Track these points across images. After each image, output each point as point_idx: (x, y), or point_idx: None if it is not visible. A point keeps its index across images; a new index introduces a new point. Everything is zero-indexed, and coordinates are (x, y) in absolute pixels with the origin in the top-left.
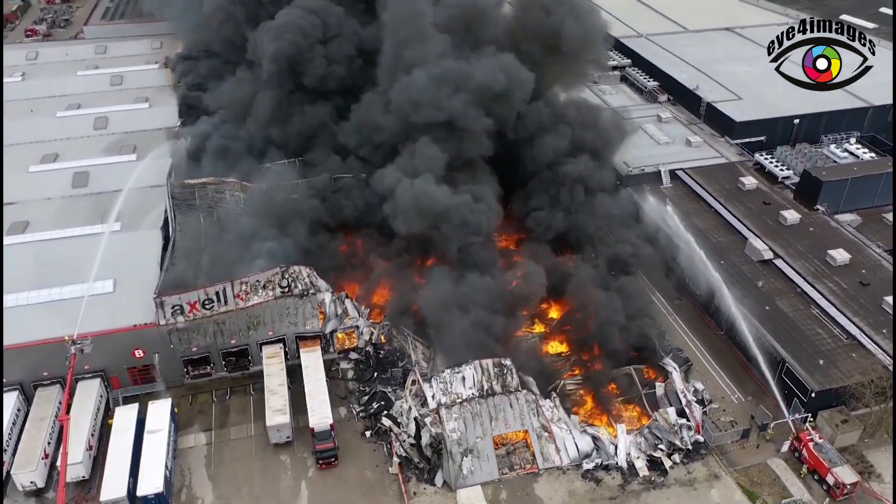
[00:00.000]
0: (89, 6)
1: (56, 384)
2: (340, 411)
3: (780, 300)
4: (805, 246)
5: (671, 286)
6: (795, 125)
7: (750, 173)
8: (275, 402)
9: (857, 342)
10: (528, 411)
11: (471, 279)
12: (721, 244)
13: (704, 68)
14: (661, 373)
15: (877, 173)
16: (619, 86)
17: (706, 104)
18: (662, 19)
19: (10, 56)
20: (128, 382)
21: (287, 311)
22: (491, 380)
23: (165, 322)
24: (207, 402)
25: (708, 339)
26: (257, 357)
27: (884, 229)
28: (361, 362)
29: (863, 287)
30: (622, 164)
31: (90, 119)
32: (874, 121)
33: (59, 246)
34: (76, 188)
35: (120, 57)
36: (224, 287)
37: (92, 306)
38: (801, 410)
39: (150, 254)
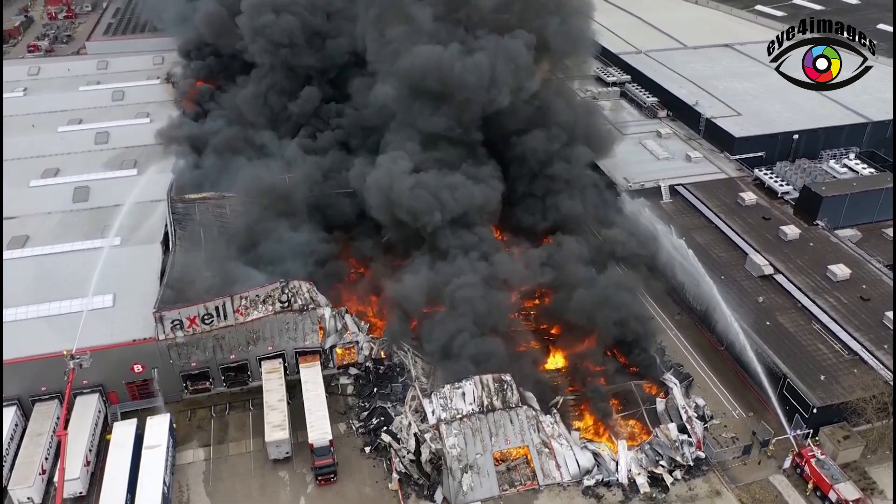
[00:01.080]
0: (91, 22)
1: (54, 399)
2: (340, 427)
3: (780, 315)
4: (805, 261)
5: (671, 301)
6: (795, 141)
7: (750, 189)
8: (274, 417)
9: (858, 358)
10: (528, 427)
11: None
12: (721, 259)
13: (704, 84)
14: (661, 388)
15: (876, 189)
16: (618, 101)
17: (705, 120)
18: (662, 36)
19: (13, 71)
20: (126, 397)
21: (287, 327)
22: (491, 395)
23: (165, 337)
24: (206, 418)
25: (708, 354)
26: (256, 372)
27: (884, 244)
28: (361, 378)
29: (863, 302)
30: (622, 179)
31: (91, 134)
32: (873, 136)
33: (58, 260)
34: (77, 203)
35: (121, 72)
36: (224, 302)
37: (91, 321)
38: (803, 426)
39: (150, 268)
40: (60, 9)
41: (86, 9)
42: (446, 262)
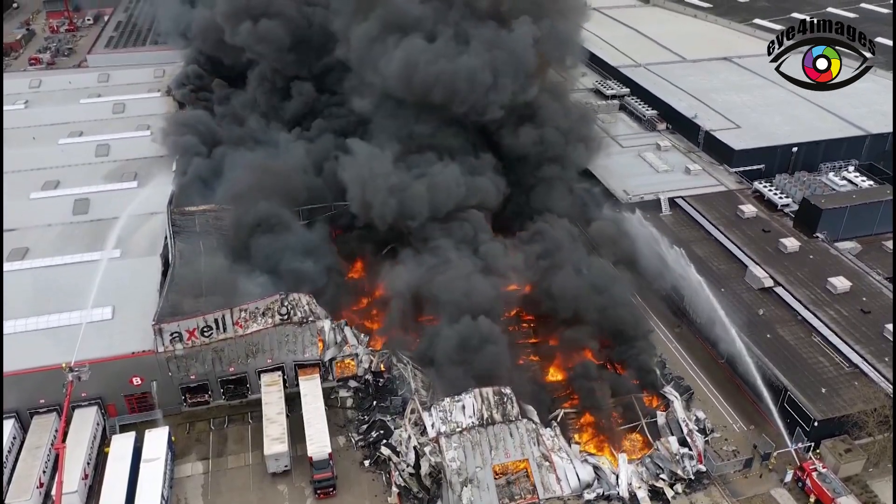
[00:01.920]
0: (93, 35)
1: (53, 412)
2: (339, 440)
3: (781, 328)
4: (805, 273)
5: (671, 313)
6: (794, 153)
7: (749, 201)
8: (273, 430)
9: (859, 370)
10: (528, 440)
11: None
12: (721, 272)
13: (702, 97)
14: (662, 401)
15: (876, 201)
16: (618, 114)
17: (705, 133)
18: (660, 49)
19: (14, 84)
20: (125, 410)
21: (286, 339)
22: (491, 408)
23: (164, 349)
24: (205, 431)
25: (709, 367)
26: (256, 385)
27: (884, 257)
28: (360, 390)
29: (864, 315)
30: (622, 192)
31: (92, 146)
32: (872, 149)
33: (58, 272)
34: (77, 215)
35: (122, 85)
36: (223, 314)
37: (90, 333)
38: (804, 439)
39: (150, 280)
40: (62, 22)
41: (88, 22)
42: (431, 253)
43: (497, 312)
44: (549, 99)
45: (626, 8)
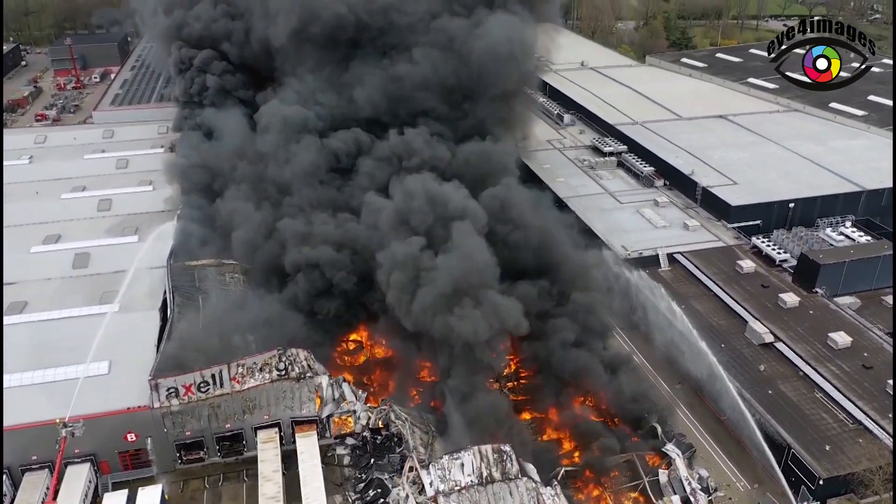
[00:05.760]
0: (99, 93)
1: (45, 468)
2: (336, 499)
3: (782, 384)
4: (806, 329)
5: (672, 370)
6: (790, 209)
7: (747, 256)
8: (268, 489)
9: (862, 427)
10: (528, 499)
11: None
12: (721, 327)
13: (699, 154)
14: (664, 459)
15: (874, 256)
16: (615, 171)
17: (702, 189)
18: (657, 107)
19: (19, 140)
20: (118, 467)
21: (283, 395)
22: (490, 466)
23: (160, 405)
24: (199, 489)
25: (710, 424)
26: (252, 442)
27: (883, 312)
28: (358, 448)
29: (866, 370)
30: (620, 247)
31: (94, 201)
32: (868, 204)
33: (56, 326)
34: (77, 269)
35: (127, 141)
36: (220, 369)
37: (86, 388)
38: (810, 498)
39: (148, 335)
40: (69, 80)
41: (94, 80)
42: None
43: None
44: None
45: (623, 67)
